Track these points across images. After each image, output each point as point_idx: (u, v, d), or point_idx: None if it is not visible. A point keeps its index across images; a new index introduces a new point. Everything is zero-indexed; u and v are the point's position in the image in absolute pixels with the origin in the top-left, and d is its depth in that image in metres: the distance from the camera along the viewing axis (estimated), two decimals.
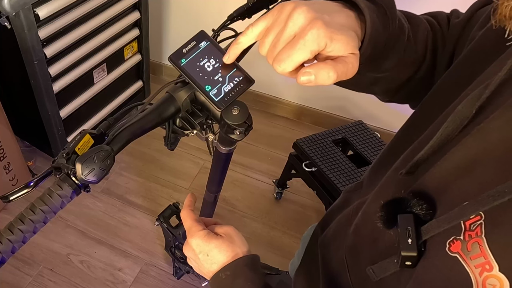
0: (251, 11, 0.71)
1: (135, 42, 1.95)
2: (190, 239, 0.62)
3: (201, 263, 0.62)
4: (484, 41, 0.51)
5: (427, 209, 0.41)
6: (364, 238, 0.56)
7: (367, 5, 0.49)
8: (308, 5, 0.45)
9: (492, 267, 0.34)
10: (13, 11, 1.31)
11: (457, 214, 0.37)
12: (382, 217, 0.45)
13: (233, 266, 0.59)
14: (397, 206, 0.44)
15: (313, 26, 0.43)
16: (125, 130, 0.55)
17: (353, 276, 0.57)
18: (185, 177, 2.03)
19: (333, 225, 0.68)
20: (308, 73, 0.43)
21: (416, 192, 0.44)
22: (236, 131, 0.55)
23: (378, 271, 0.49)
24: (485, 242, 0.35)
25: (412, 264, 0.41)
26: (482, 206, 0.35)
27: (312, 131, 1.86)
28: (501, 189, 0.34)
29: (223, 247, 0.61)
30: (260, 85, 2.27)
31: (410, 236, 0.41)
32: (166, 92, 0.58)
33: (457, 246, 0.37)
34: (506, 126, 0.38)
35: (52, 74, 1.57)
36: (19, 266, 1.68)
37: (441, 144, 0.44)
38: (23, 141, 1.99)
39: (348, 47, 0.45)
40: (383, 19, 0.51)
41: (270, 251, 1.79)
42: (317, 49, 0.43)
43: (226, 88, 0.54)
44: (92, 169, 0.51)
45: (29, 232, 0.51)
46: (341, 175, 1.58)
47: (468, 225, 0.36)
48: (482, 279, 0.35)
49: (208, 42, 0.55)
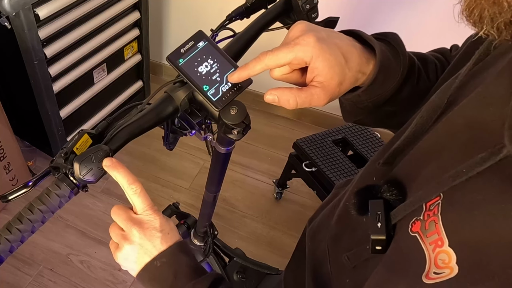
0: (250, 11, 0.71)
1: (135, 42, 1.96)
2: (152, 222, 0.55)
3: (143, 249, 0.55)
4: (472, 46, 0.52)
5: (397, 195, 0.43)
6: (345, 228, 0.56)
7: (371, 38, 0.53)
8: (314, 26, 0.51)
9: (443, 243, 0.35)
10: (13, 11, 1.31)
11: (420, 196, 0.39)
12: (355, 204, 0.46)
13: (168, 253, 0.55)
14: (369, 193, 0.45)
15: (306, 37, 0.48)
16: (123, 130, 0.55)
17: (332, 265, 0.58)
18: (185, 177, 2.03)
19: (318, 218, 0.69)
20: (273, 94, 0.49)
21: (389, 180, 0.45)
22: (234, 131, 0.55)
23: (353, 258, 0.51)
24: (440, 220, 0.36)
25: (382, 249, 0.43)
26: (442, 187, 0.36)
27: (312, 131, 1.86)
28: (460, 169, 0.35)
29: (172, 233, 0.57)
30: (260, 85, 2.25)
31: (379, 220, 0.42)
32: (164, 92, 0.59)
33: (417, 226, 0.38)
34: (470, 112, 0.39)
35: (52, 74, 1.57)
36: (19, 266, 1.68)
37: (416, 134, 0.46)
38: (23, 141, 2.00)
39: (331, 71, 0.48)
40: (391, 49, 0.54)
41: (270, 251, 1.79)
42: (302, 56, 0.47)
43: (224, 88, 0.54)
44: (90, 168, 0.51)
45: (27, 232, 0.52)
46: (341, 175, 1.58)
47: (428, 206, 0.38)
48: (435, 254, 0.36)
49: (206, 42, 0.55)
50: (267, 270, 1.30)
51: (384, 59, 0.52)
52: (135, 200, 0.54)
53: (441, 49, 0.65)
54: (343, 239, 0.56)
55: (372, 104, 0.56)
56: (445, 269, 0.34)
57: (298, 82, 0.53)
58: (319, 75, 0.48)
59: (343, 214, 0.58)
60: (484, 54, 0.43)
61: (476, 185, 0.34)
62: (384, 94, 0.55)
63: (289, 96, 0.48)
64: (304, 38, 0.48)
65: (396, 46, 0.55)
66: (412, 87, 0.58)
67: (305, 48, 0.47)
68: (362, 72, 0.52)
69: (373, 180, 0.51)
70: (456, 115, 0.41)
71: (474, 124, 0.38)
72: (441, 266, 0.35)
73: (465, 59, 0.50)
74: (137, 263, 0.55)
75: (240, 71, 0.51)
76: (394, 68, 0.54)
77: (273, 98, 0.49)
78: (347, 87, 0.51)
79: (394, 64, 0.54)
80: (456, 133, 0.40)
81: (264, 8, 0.71)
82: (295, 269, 0.75)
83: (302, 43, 0.47)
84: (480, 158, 0.34)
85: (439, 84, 0.55)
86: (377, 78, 0.52)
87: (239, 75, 0.52)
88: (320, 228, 0.67)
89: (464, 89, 0.43)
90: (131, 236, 0.54)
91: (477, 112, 0.38)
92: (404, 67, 0.55)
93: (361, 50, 0.52)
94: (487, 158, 0.33)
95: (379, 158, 0.52)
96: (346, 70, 0.49)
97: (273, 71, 0.52)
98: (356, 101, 0.56)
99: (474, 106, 0.39)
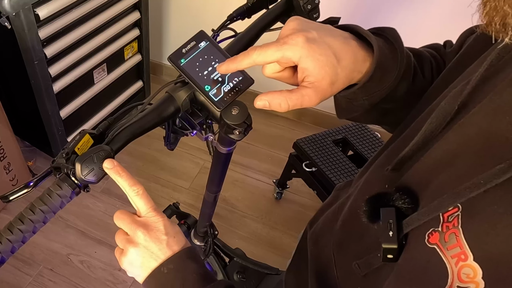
0: (251, 11, 0.71)
1: (135, 42, 1.95)
2: (156, 223, 0.53)
3: (148, 252, 0.53)
4: (473, 46, 0.52)
5: (409, 203, 0.42)
6: (351, 234, 0.56)
7: (369, 34, 0.51)
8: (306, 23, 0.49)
9: (467, 257, 0.35)
10: (13, 11, 1.31)
11: (436, 206, 0.38)
12: (366, 212, 0.45)
13: (176, 259, 0.53)
14: (380, 200, 0.44)
15: (295, 37, 0.47)
16: (125, 130, 0.55)
17: (339, 272, 0.57)
18: (185, 177, 2.03)
19: (320, 221, 0.69)
20: (263, 99, 0.48)
21: (400, 188, 0.45)
22: (235, 131, 0.55)
23: (363, 266, 0.50)
24: (461, 233, 0.35)
25: (394, 258, 0.42)
26: (459, 198, 0.36)
27: (312, 131, 1.86)
28: (477, 181, 0.35)
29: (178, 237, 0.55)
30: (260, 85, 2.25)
31: (391, 229, 0.41)
32: (166, 92, 0.58)
33: (435, 238, 0.38)
34: (484, 120, 0.38)
35: (52, 74, 1.57)
36: (19, 266, 1.68)
37: (426, 141, 0.45)
38: (23, 141, 1.99)
39: (322, 71, 0.47)
40: (389, 45, 0.53)
41: (270, 251, 1.79)
42: (290, 56, 0.47)
43: (225, 88, 0.54)
44: (92, 169, 0.51)
45: (28, 232, 0.51)
46: (341, 175, 1.58)
47: (446, 217, 0.37)
48: (458, 268, 0.35)
49: (207, 42, 0.55)
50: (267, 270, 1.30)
51: (381, 56, 0.50)
52: (137, 201, 0.53)
53: (434, 45, 0.64)
54: (350, 246, 0.55)
55: (368, 102, 0.55)
56: (469, 284, 0.34)
57: (291, 81, 0.52)
58: (309, 75, 0.47)
59: (349, 219, 0.57)
60: (496, 59, 0.42)
61: (496, 198, 0.34)
62: (380, 92, 0.54)
63: (280, 100, 0.48)
64: (293, 38, 0.47)
65: (394, 42, 0.53)
66: (408, 85, 0.57)
67: (293, 47, 0.46)
68: (357, 70, 0.51)
69: (382, 187, 0.50)
70: (468, 122, 0.40)
71: (489, 133, 0.37)
72: (466, 281, 0.34)
73: (468, 59, 0.50)
74: (142, 268, 0.53)
75: (229, 63, 0.50)
76: (391, 65, 0.53)
77: (264, 104, 0.48)
78: (340, 87, 0.51)
79: (391, 61, 0.53)
80: (470, 142, 0.39)
81: (265, 8, 0.71)
82: (297, 272, 0.74)
83: (290, 43, 0.47)
84: (499, 170, 0.33)
85: (440, 83, 0.55)
86: (373, 75, 0.51)
87: (227, 67, 0.50)
88: (323, 232, 0.66)
89: (475, 95, 0.42)
90: (136, 238, 0.53)
91: (492, 121, 0.37)
92: (401, 64, 0.53)
93: (357, 47, 0.50)
94: (506, 170, 0.33)
95: (386, 163, 0.51)
96: (338, 70, 0.48)
97: (264, 68, 0.51)
98: (352, 98, 0.55)
99: (487, 114, 0.38)
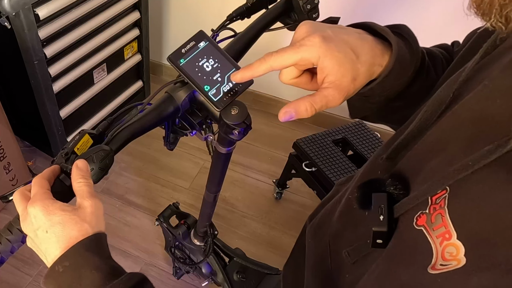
0: (250, 11, 0.71)
1: (135, 42, 1.96)
2: (29, 206, 0.47)
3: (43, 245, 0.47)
4: (476, 41, 0.52)
5: (401, 189, 0.43)
6: (347, 224, 0.56)
7: (386, 29, 0.51)
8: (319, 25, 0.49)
9: (451, 236, 0.35)
10: (13, 11, 1.31)
11: (425, 190, 0.39)
12: (358, 198, 0.46)
13: (71, 254, 0.46)
14: (373, 187, 0.45)
15: (312, 38, 0.47)
16: (124, 130, 0.55)
17: (333, 261, 0.58)
18: (185, 177, 2.03)
19: (319, 215, 0.69)
20: (288, 112, 0.47)
21: (393, 175, 0.45)
22: (235, 131, 0.55)
23: (353, 253, 0.50)
24: (447, 212, 0.36)
25: (383, 243, 0.42)
26: (448, 180, 0.36)
27: (312, 131, 1.86)
28: (466, 162, 0.35)
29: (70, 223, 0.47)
30: (260, 85, 2.27)
31: (382, 213, 0.42)
32: (165, 92, 0.59)
33: (423, 220, 0.38)
34: (476, 106, 0.39)
35: (52, 74, 1.57)
36: (19, 266, 1.68)
37: (421, 129, 0.45)
38: (23, 141, 1.99)
39: (342, 69, 0.47)
40: (404, 41, 0.53)
41: (270, 251, 1.79)
42: (308, 57, 0.46)
43: (225, 88, 0.54)
44: (91, 169, 0.51)
45: None
46: (341, 175, 1.58)
47: (434, 200, 0.38)
48: (442, 247, 0.36)
49: (207, 42, 0.55)
50: (267, 270, 1.31)
51: (400, 49, 0.50)
52: None
53: (442, 45, 0.65)
54: (344, 235, 0.56)
55: (384, 98, 0.55)
56: (452, 261, 0.34)
57: (309, 87, 0.52)
58: (330, 74, 0.47)
59: (345, 210, 0.58)
60: (491, 47, 0.42)
61: (482, 177, 0.34)
62: (397, 87, 0.54)
63: (305, 105, 0.47)
64: (309, 39, 0.47)
65: (408, 38, 0.53)
66: (422, 81, 0.57)
67: (311, 48, 0.46)
68: (377, 64, 0.50)
69: (376, 175, 0.50)
70: (461, 109, 0.41)
71: (480, 117, 0.38)
72: (448, 259, 0.35)
73: (470, 54, 0.50)
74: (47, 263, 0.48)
75: (244, 71, 0.50)
76: (409, 59, 0.53)
77: (290, 115, 0.47)
78: (363, 82, 0.50)
79: (408, 56, 0.53)
80: (461, 127, 0.39)
81: (264, 8, 0.71)
82: (294, 266, 0.74)
83: (307, 44, 0.47)
84: (487, 151, 0.34)
85: (444, 79, 0.55)
86: (393, 68, 0.50)
87: (242, 75, 0.50)
88: (321, 225, 0.66)
89: (470, 83, 0.42)
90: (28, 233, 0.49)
91: (483, 105, 0.38)
92: (417, 59, 0.54)
93: (373, 42, 0.50)
94: (494, 150, 0.33)
95: (382, 152, 0.51)
96: (358, 65, 0.48)
97: (282, 75, 0.51)
98: (369, 95, 0.54)
99: (480, 99, 0.39)
